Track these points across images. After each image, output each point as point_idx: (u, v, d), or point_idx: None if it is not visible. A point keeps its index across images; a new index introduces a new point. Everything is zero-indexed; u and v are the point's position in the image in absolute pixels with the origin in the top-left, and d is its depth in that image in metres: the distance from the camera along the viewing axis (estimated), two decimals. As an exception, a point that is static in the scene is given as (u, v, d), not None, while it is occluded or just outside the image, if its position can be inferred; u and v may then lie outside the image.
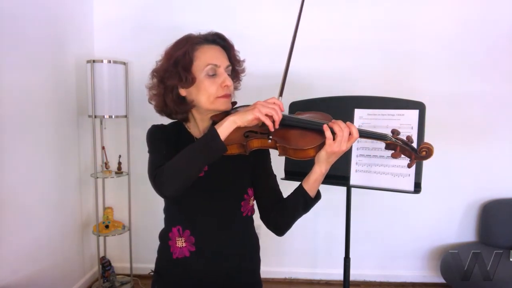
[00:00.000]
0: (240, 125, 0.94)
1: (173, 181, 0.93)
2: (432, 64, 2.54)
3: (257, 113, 0.93)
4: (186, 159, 0.95)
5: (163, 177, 0.94)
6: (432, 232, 2.69)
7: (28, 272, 2.03)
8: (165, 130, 1.14)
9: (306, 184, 1.06)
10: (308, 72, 2.54)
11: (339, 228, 2.30)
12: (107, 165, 2.59)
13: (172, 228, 1.11)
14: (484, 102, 2.54)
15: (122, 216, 2.69)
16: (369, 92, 1.67)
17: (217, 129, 0.93)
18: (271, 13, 2.55)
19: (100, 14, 2.65)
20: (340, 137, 0.95)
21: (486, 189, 2.60)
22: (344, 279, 1.70)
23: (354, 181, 1.53)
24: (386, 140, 1.01)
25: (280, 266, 2.76)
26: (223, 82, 1.06)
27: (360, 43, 2.55)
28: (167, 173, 0.94)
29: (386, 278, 2.74)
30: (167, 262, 1.14)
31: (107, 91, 2.36)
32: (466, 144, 2.57)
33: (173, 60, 1.05)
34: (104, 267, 2.55)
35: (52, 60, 2.23)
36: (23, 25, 1.96)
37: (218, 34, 1.11)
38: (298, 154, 0.98)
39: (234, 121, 0.94)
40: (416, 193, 1.45)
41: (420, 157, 0.99)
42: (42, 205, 2.16)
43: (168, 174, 0.94)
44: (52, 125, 2.24)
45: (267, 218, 1.17)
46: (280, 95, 1.05)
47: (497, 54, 2.51)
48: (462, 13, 2.51)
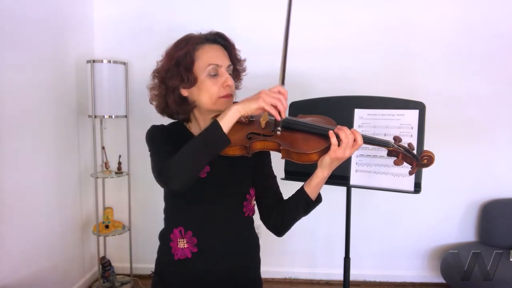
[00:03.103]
0: (243, 114, 0.93)
1: (179, 176, 0.93)
2: (432, 64, 2.55)
3: (262, 103, 0.90)
4: (191, 153, 0.94)
5: (169, 171, 0.93)
6: (432, 232, 2.69)
7: (28, 272, 2.03)
8: (164, 130, 1.13)
9: (308, 187, 1.06)
10: (308, 72, 2.54)
11: (339, 228, 2.30)
12: (107, 165, 2.59)
13: (173, 229, 1.11)
14: (484, 102, 2.54)
15: (122, 216, 2.69)
16: (369, 92, 1.67)
17: (220, 121, 0.92)
18: (272, 13, 2.55)
19: (100, 14, 2.65)
20: (345, 144, 0.95)
21: (486, 189, 2.61)
22: (344, 279, 1.70)
23: (354, 181, 1.53)
24: (389, 147, 1.01)
25: (280, 266, 2.76)
26: (225, 81, 1.06)
27: (360, 43, 2.55)
28: (173, 167, 0.93)
29: (386, 278, 2.74)
30: (168, 263, 1.13)
31: (107, 91, 2.36)
32: (466, 144, 2.57)
33: (175, 61, 1.04)
34: (104, 267, 2.55)
35: (52, 60, 2.23)
36: (23, 25, 1.96)
37: (219, 34, 1.11)
38: (301, 158, 0.98)
39: (238, 110, 0.92)
40: (416, 193, 1.45)
41: (422, 165, 1.01)
42: (42, 205, 2.16)
43: (174, 168, 0.93)
44: (52, 125, 2.24)
45: (267, 219, 1.17)
46: (282, 83, 0.99)
47: (497, 54, 2.51)
48: (462, 13, 2.51)
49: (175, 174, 0.93)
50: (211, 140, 0.93)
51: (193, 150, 0.94)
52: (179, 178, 0.93)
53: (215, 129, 0.92)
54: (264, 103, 0.90)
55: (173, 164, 0.93)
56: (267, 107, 0.90)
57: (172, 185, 0.94)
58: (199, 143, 0.94)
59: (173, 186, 0.94)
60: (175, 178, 0.93)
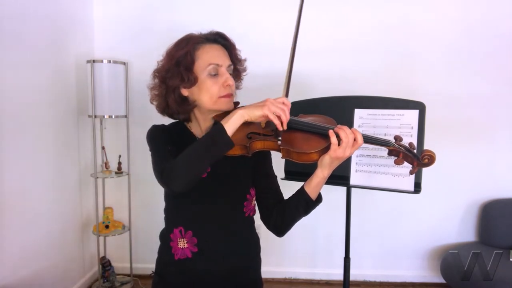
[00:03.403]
0: (247, 119, 0.94)
1: (181, 177, 0.93)
2: (432, 64, 2.55)
3: (267, 111, 0.92)
4: (194, 155, 0.94)
5: (172, 173, 0.94)
6: (432, 232, 2.69)
7: (28, 272, 2.03)
8: (165, 130, 1.13)
9: (308, 187, 1.06)
10: (308, 72, 2.54)
11: (339, 228, 2.30)
12: (107, 165, 2.59)
13: (173, 229, 1.11)
14: (484, 102, 2.54)
15: (122, 216, 2.69)
16: (369, 92, 1.67)
17: (224, 124, 0.92)
18: (272, 13, 2.55)
19: (100, 14, 2.65)
20: (345, 143, 0.95)
21: (486, 189, 2.61)
22: (344, 279, 1.70)
23: (354, 181, 1.53)
24: (389, 146, 1.01)
25: (280, 266, 2.76)
26: (225, 81, 1.06)
27: (360, 43, 2.55)
28: (175, 169, 0.93)
29: (386, 278, 2.74)
30: (168, 263, 1.13)
31: (107, 91, 2.36)
32: (466, 144, 2.57)
33: (175, 60, 1.04)
34: (104, 267, 2.55)
35: (52, 60, 2.23)
36: (23, 25, 1.96)
37: (219, 33, 1.11)
38: (301, 157, 0.97)
39: (243, 115, 0.93)
40: (416, 193, 1.45)
41: (423, 164, 1.01)
42: (42, 205, 2.16)
43: (176, 170, 0.93)
44: (52, 125, 2.24)
45: (267, 219, 1.17)
46: (286, 96, 1.02)
47: (497, 54, 2.51)
48: (462, 13, 2.51)
49: (177, 176, 0.93)
50: (215, 143, 0.93)
51: (196, 152, 0.94)
52: (181, 180, 0.93)
53: (220, 132, 0.92)
54: (269, 112, 0.92)
55: (176, 165, 0.93)
56: (271, 116, 0.92)
57: (174, 186, 0.94)
58: (203, 145, 0.94)
59: (175, 187, 0.94)
60: (178, 179, 0.93)
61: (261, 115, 0.93)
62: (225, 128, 0.92)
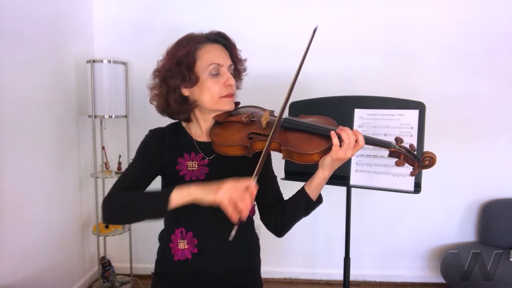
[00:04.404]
0: (197, 200, 0.92)
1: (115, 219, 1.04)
2: (432, 64, 2.54)
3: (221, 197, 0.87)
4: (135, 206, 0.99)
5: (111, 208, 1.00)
6: (432, 232, 2.69)
7: (28, 272, 2.02)
8: (160, 135, 1.14)
9: (308, 188, 1.06)
10: (308, 72, 2.53)
11: (339, 228, 2.30)
12: (107, 165, 2.58)
13: (175, 230, 1.11)
14: (484, 102, 2.54)
15: (122, 216, 2.69)
16: (369, 92, 1.67)
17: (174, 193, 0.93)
18: (272, 13, 2.55)
19: (100, 14, 2.65)
20: (347, 145, 0.95)
21: (486, 189, 2.60)
22: (344, 279, 1.70)
23: (354, 181, 1.53)
24: (391, 148, 1.01)
25: (280, 266, 2.76)
26: (226, 81, 1.06)
27: (360, 43, 2.55)
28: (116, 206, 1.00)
29: (386, 278, 2.74)
30: (168, 264, 1.13)
31: (107, 91, 2.35)
32: (466, 144, 2.57)
33: (176, 60, 1.04)
34: (104, 267, 2.55)
35: (52, 60, 2.23)
36: (23, 25, 1.95)
37: (220, 33, 1.11)
38: (302, 158, 0.97)
39: (193, 194, 0.92)
40: (416, 193, 1.45)
41: (423, 166, 1.01)
42: (42, 205, 2.15)
43: (115, 209, 1.00)
44: (52, 125, 2.24)
45: (267, 219, 1.17)
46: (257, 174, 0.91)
47: (497, 54, 2.51)
48: (462, 13, 2.51)
49: (113, 215, 1.01)
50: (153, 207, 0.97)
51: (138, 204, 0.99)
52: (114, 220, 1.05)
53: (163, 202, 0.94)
54: (224, 198, 0.87)
55: (117, 205, 1.00)
56: (227, 209, 0.86)
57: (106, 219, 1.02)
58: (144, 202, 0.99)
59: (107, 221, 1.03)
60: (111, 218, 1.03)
61: (212, 201, 0.89)
62: (171, 199, 0.93)
